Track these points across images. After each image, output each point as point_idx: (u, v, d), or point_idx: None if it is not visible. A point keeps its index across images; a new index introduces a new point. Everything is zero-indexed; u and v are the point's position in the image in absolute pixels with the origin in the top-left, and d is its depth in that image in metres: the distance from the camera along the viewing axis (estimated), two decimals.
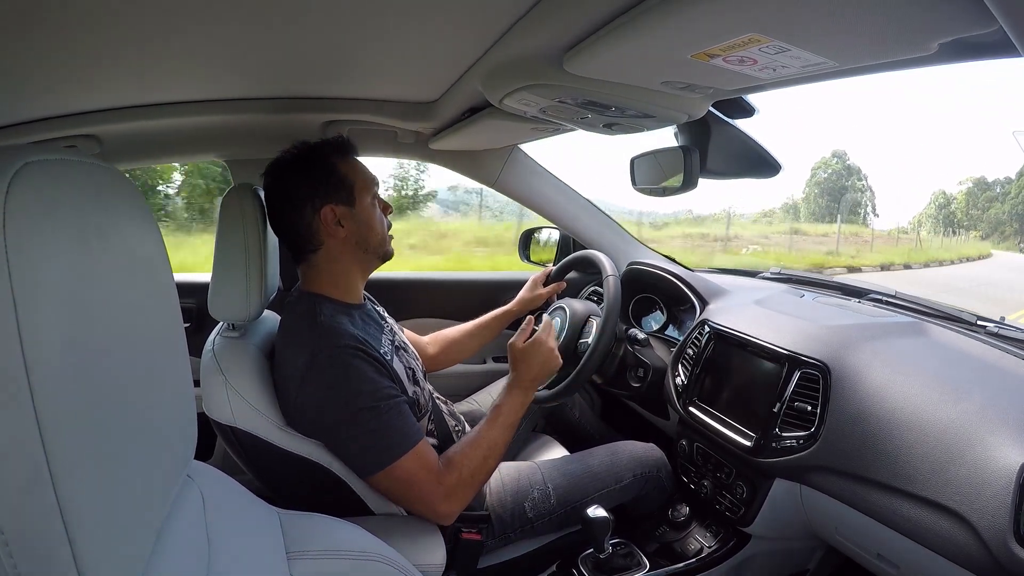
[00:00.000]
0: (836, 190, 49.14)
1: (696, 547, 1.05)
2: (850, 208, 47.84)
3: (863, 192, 50.04)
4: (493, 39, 0.69)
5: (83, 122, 1.03)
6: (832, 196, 48.87)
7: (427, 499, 0.81)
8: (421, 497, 0.81)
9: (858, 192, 49.73)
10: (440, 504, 0.81)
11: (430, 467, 0.81)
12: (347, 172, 0.89)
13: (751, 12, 0.44)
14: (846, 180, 49.54)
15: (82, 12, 0.59)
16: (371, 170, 0.93)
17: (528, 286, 1.33)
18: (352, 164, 0.91)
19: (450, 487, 0.81)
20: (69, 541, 0.26)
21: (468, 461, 0.84)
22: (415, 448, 0.79)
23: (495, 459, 0.87)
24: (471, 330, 1.29)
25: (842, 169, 49.86)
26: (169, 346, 0.38)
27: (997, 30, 0.40)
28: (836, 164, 49.76)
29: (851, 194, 49.03)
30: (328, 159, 0.88)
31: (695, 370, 1.09)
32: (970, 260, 22.21)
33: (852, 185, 49.60)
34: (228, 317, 0.87)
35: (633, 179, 1.23)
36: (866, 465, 0.77)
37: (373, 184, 0.92)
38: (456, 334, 1.28)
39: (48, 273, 0.27)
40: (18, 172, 0.27)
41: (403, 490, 0.80)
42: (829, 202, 48.46)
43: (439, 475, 0.81)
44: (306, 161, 0.87)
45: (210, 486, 0.48)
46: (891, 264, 16.63)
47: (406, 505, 0.84)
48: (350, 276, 0.91)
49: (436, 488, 0.80)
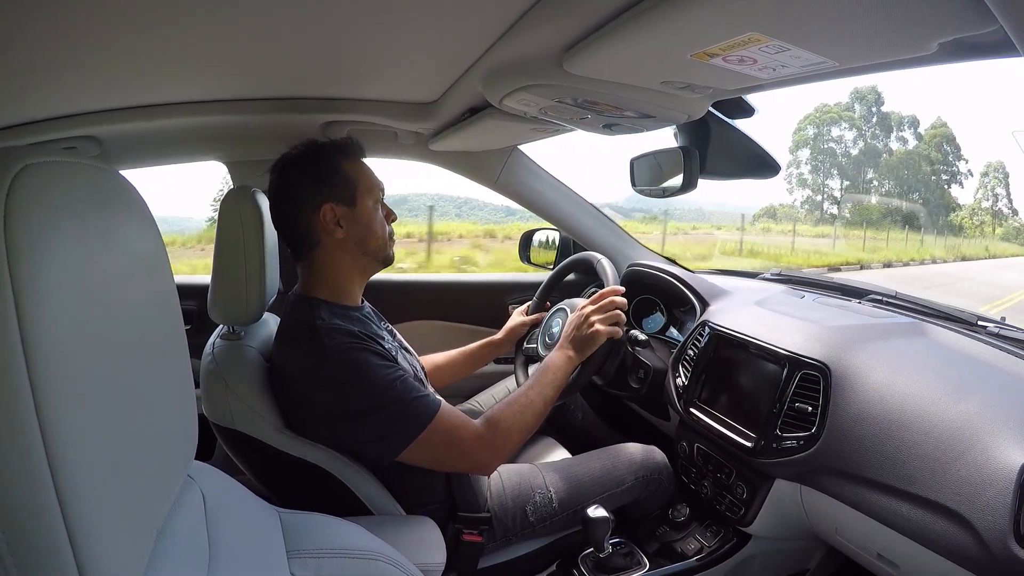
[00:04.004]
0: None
1: (696, 547, 1.04)
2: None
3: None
4: (493, 39, 0.69)
5: (83, 123, 1.03)
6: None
7: (467, 454, 0.83)
8: (461, 454, 0.83)
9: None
10: (480, 455, 0.84)
11: (461, 423, 0.83)
12: (351, 173, 0.88)
13: (751, 12, 0.44)
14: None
15: (82, 13, 0.59)
16: (377, 175, 0.93)
17: (513, 317, 1.34)
18: (357, 166, 0.90)
19: (487, 439, 0.84)
20: (70, 541, 0.26)
21: (505, 417, 0.87)
22: (440, 411, 0.81)
23: (534, 416, 0.91)
24: (458, 358, 1.29)
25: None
26: (170, 347, 0.38)
27: (997, 30, 0.40)
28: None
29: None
30: (333, 159, 0.88)
31: (695, 371, 1.09)
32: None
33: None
34: (228, 320, 0.87)
35: (633, 180, 1.23)
36: (866, 465, 0.77)
37: (377, 188, 0.92)
38: (443, 360, 1.28)
39: (49, 275, 0.27)
40: (18, 174, 0.27)
41: (441, 452, 0.82)
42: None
43: (473, 429, 0.84)
44: (311, 159, 0.88)
45: (211, 486, 0.48)
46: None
47: (449, 466, 0.87)
48: (348, 279, 0.91)
49: (473, 442, 0.83)
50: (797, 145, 34.02)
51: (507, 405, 0.89)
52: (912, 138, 34.29)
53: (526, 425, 0.89)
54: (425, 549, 0.79)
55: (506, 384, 1.38)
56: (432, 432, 0.79)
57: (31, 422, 0.25)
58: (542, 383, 0.94)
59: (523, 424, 0.88)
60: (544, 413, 0.93)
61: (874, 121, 34.51)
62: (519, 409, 0.89)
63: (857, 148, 34.35)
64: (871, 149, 34.25)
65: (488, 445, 0.84)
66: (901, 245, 21.54)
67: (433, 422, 0.79)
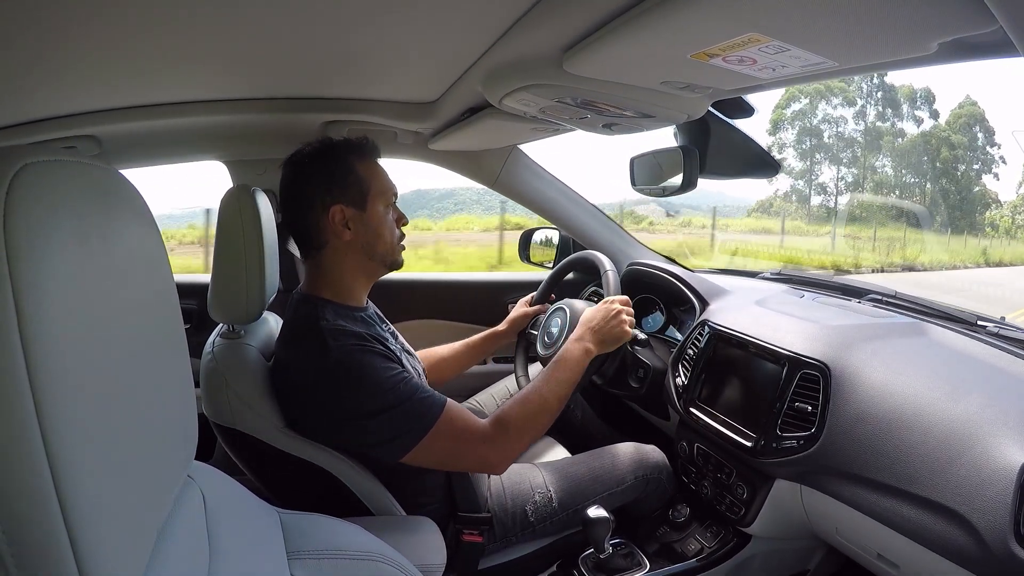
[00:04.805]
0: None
1: (696, 547, 1.04)
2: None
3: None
4: (493, 39, 0.69)
5: (83, 123, 1.03)
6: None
7: (474, 454, 0.83)
8: (468, 454, 0.83)
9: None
10: (489, 455, 0.83)
11: (468, 423, 0.82)
12: (364, 175, 0.87)
13: (750, 12, 0.44)
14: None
15: (82, 13, 0.59)
16: (391, 178, 0.92)
17: (516, 308, 1.35)
18: (371, 168, 0.89)
19: (495, 439, 0.83)
20: (71, 541, 0.26)
21: (516, 416, 0.86)
22: (445, 411, 0.80)
23: (548, 416, 0.89)
24: (461, 350, 1.29)
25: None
26: (170, 346, 0.38)
27: (997, 30, 0.40)
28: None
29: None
30: (347, 159, 0.87)
31: (695, 371, 1.09)
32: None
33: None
34: (228, 319, 0.87)
35: (633, 179, 1.23)
36: (866, 465, 0.77)
37: (389, 192, 0.90)
38: (446, 352, 1.28)
39: (48, 274, 0.27)
40: (18, 173, 0.27)
41: (448, 453, 0.81)
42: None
43: (480, 429, 0.83)
44: (325, 157, 0.87)
45: (211, 486, 0.48)
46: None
47: (456, 466, 0.86)
48: (354, 280, 0.90)
49: (480, 442, 0.82)
50: (776, 127, 28.10)
51: (520, 404, 0.87)
52: (928, 117, 27.71)
53: (537, 425, 0.88)
54: (425, 550, 0.79)
55: (506, 384, 1.38)
56: (438, 432, 0.79)
57: (31, 422, 0.25)
58: (557, 379, 0.91)
59: (535, 424, 0.87)
60: (558, 412, 0.91)
61: (879, 96, 28.30)
62: (533, 410, 0.87)
63: (859, 129, 28.45)
64: (874, 130, 28.38)
65: (496, 445, 0.83)
66: (916, 247, 18.77)
67: (438, 422, 0.79)
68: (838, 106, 28.33)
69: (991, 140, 26.96)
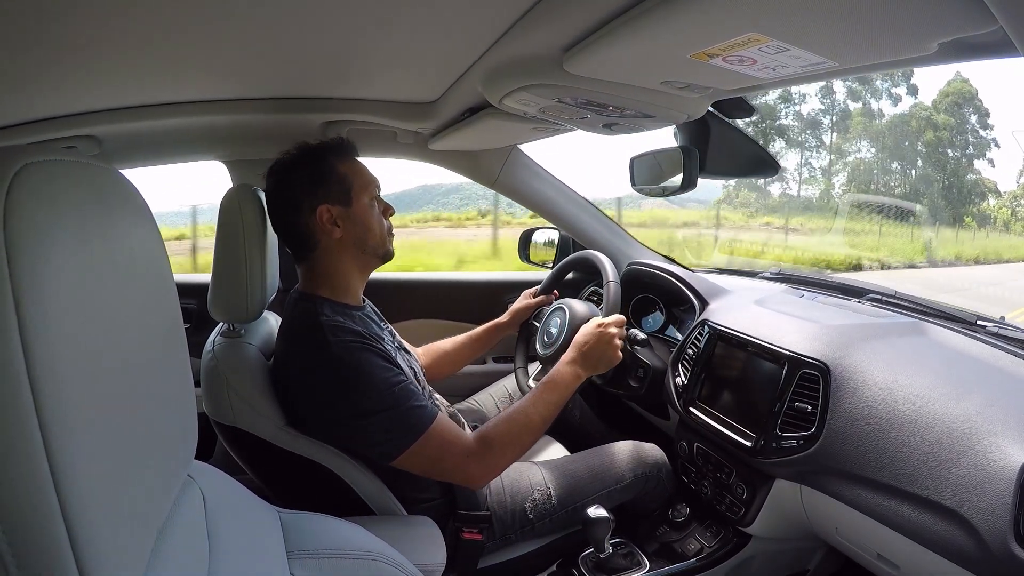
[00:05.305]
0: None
1: (696, 547, 1.05)
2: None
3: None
4: (493, 39, 0.69)
5: (83, 122, 1.03)
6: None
7: (457, 468, 0.83)
8: (452, 468, 0.83)
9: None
10: (470, 470, 0.84)
11: (454, 437, 0.83)
12: (345, 172, 0.89)
13: (750, 12, 0.44)
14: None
15: (82, 12, 0.59)
16: (372, 171, 0.93)
17: (519, 300, 1.35)
18: (351, 165, 0.91)
19: (479, 456, 0.84)
20: (71, 541, 0.26)
21: (500, 434, 0.86)
22: (434, 423, 0.81)
23: (531, 436, 0.89)
24: (464, 342, 1.29)
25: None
26: (170, 346, 0.38)
27: (997, 30, 0.40)
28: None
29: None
30: (326, 159, 0.88)
31: (695, 370, 1.09)
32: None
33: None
34: (228, 318, 0.88)
35: (632, 179, 1.23)
36: (866, 465, 0.77)
37: (372, 185, 0.92)
38: (449, 346, 1.29)
39: (49, 273, 0.27)
40: (18, 173, 0.27)
41: (432, 463, 0.82)
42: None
43: (465, 445, 0.83)
44: (305, 161, 0.88)
45: (211, 486, 0.48)
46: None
47: (439, 477, 0.87)
48: (349, 277, 0.91)
49: (464, 458, 0.83)
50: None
51: (505, 422, 0.88)
52: (907, 95, 24.80)
53: (521, 444, 0.88)
54: (425, 549, 0.79)
55: (505, 384, 1.38)
56: (424, 444, 0.80)
57: (31, 421, 0.25)
58: (545, 401, 0.92)
59: (519, 443, 0.88)
60: (542, 432, 0.92)
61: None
62: (517, 430, 0.88)
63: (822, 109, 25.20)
64: (843, 110, 25.32)
65: (479, 462, 0.84)
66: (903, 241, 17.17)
67: (426, 434, 0.80)
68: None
69: (984, 123, 24.33)
